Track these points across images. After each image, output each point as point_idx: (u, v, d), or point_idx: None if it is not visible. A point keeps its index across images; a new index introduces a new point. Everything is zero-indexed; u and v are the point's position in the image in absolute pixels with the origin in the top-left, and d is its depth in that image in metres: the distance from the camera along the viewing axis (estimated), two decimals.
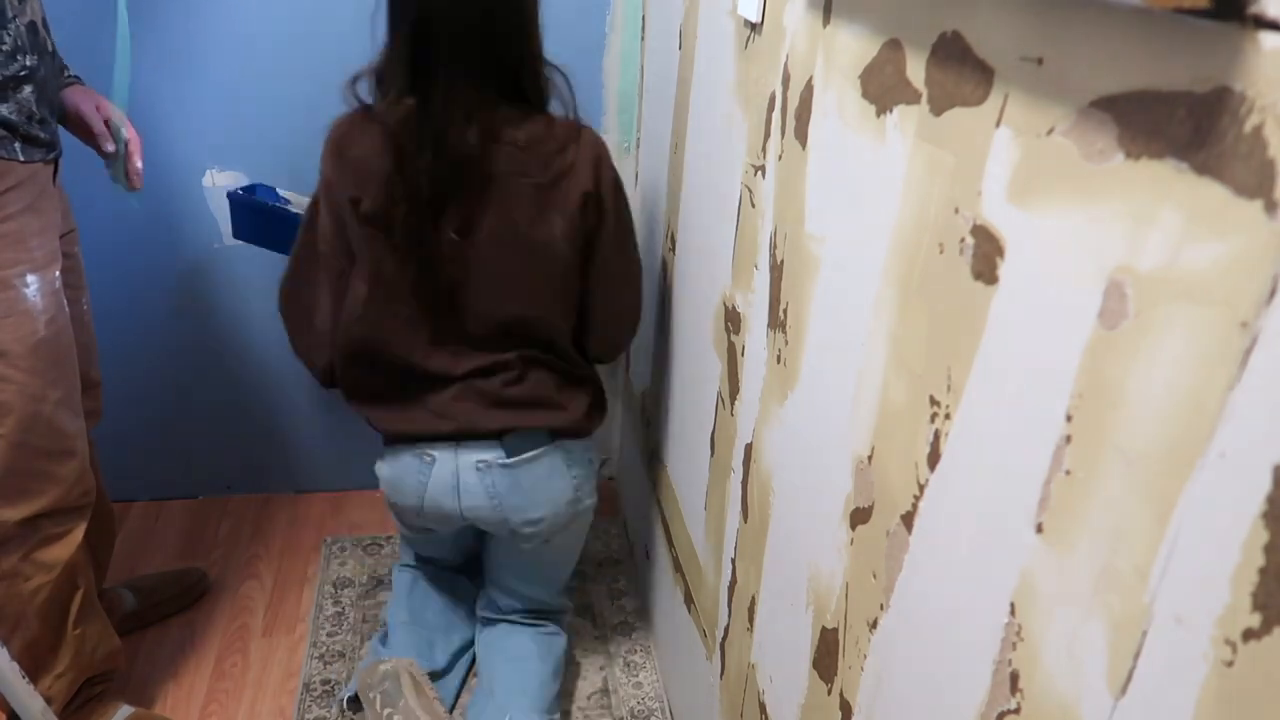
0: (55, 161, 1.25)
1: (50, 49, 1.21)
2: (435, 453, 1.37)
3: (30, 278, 1.17)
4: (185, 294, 1.84)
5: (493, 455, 1.36)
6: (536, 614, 1.61)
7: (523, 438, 1.36)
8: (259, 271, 1.85)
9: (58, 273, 1.22)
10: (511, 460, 1.35)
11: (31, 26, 1.15)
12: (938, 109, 0.62)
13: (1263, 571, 0.37)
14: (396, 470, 1.41)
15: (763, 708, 1.05)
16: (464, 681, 1.62)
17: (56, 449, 1.25)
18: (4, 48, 1.10)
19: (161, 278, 1.83)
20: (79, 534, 1.31)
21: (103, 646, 1.40)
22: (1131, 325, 0.44)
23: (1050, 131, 0.50)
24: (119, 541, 1.69)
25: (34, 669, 1.30)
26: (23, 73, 1.13)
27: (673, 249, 1.48)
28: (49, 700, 1.32)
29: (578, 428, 1.41)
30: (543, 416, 1.37)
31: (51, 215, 1.22)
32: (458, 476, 1.37)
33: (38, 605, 1.28)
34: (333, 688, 1.63)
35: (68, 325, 1.25)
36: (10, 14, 1.10)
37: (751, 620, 1.09)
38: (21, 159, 1.14)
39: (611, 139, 1.83)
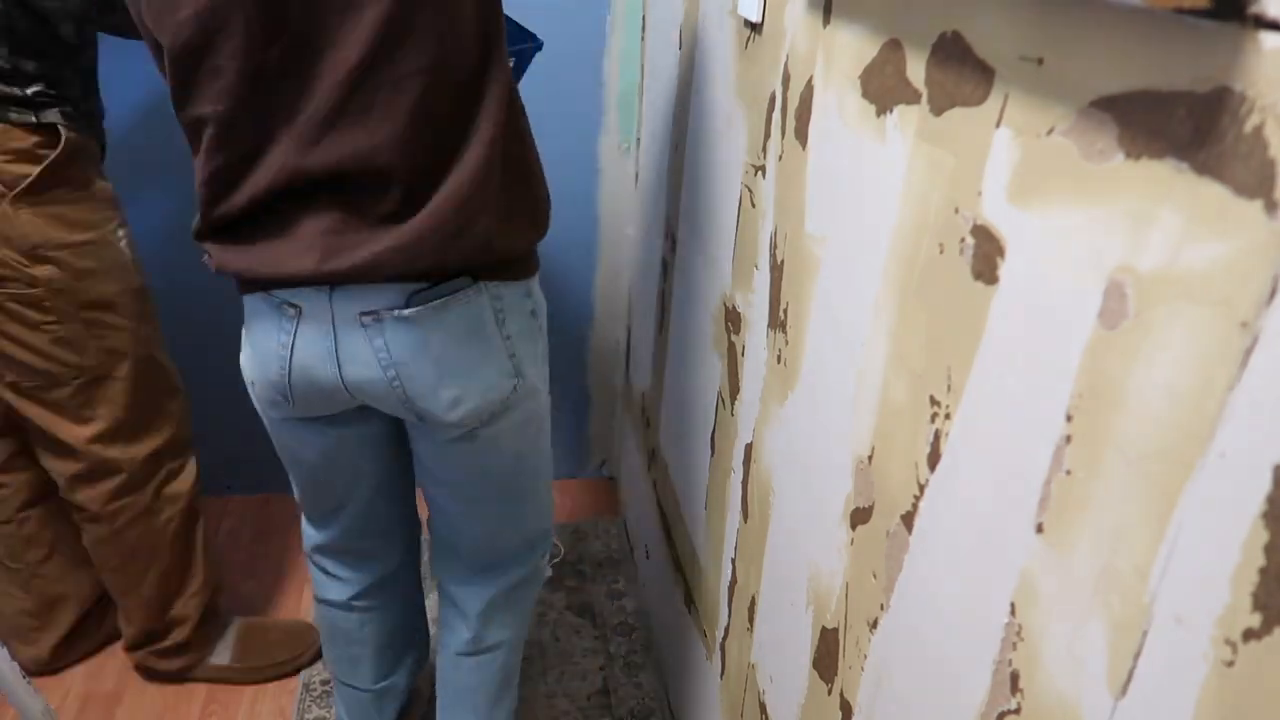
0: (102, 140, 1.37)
1: None
2: (301, 302, 0.94)
3: (120, 232, 1.31)
4: (185, 293, 1.84)
5: (384, 302, 0.92)
6: (489, 556, 1.19)
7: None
8: None
9: (129, 229, 1.35)
10: (412, 310, 0.92)
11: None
12: (938, 109, 0.62)
13: (1263, 571, 0.37)
14: (252, 333, 0.99)
15: (763, 708, 1.05)
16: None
17: (167, 386, 1.41)
18: (76, 41, 1.22)
19: (160, 275, 1.82)
20: (194, 465, 1.47)
21: (219, 566, 1.56)
22: (1131, 325, 0.44)
23: (1050, 131, 0.50)
24: None
25: (169, 594, 1.47)
26: (87, 66, 1.26)
27: (673, 249, 1.48)
28: (182, 620, 1.49)
29: (512, 260, 0.97)
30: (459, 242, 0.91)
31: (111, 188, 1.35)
32: (334, 336, 0.94)
33: (169, 538, 1.43)
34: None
35: (143, 275, 1.37)
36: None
37: (751, 620, 1.09)
38: (91, 131, 1.28)
39: (611, 139, 1.83)
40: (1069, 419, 0.49)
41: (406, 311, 0.92)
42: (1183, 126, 0.41)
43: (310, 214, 0.88)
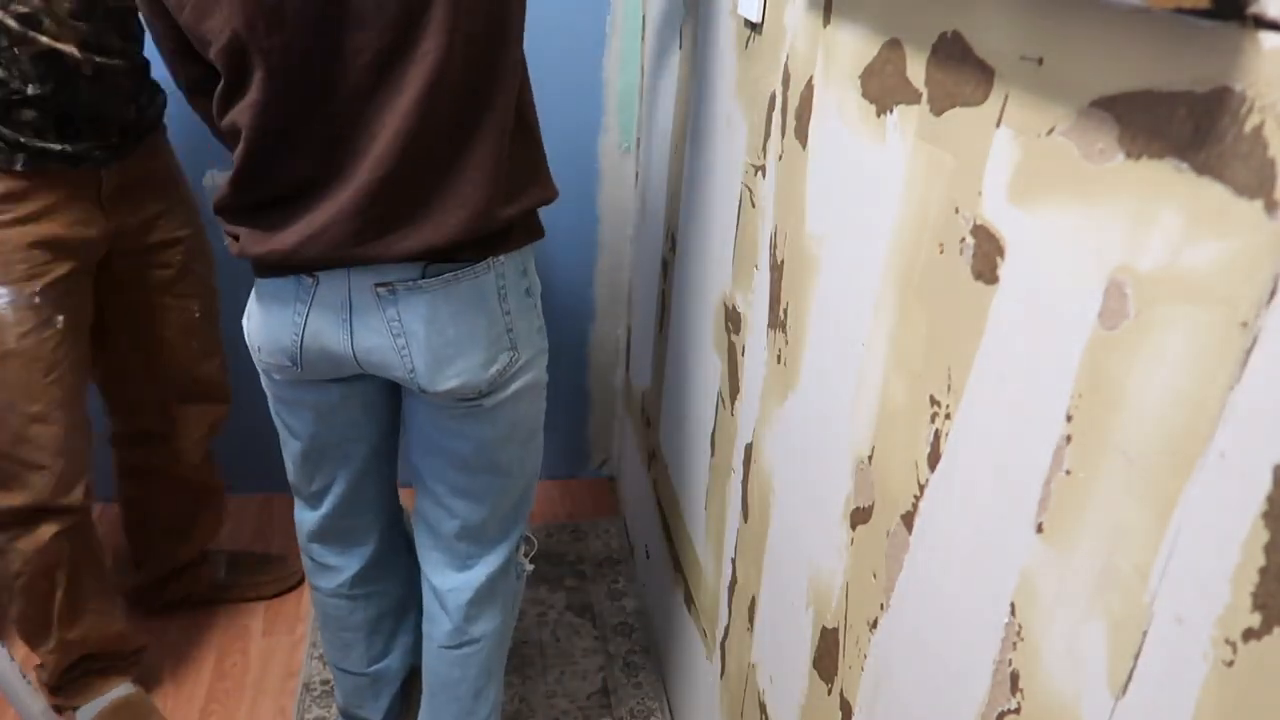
0: (99, 175, 1.27)
1: (90, 74, 1.21)
2: (319, 273, 0.98)
3: (1, 290, 1.19)
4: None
5: (400, 275, 0.97)
6: (473, 540, 1.20)
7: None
8: None
9: (39, 287, 1.22)
10: (426, 281, 0.97)
11: (45, 56, 1.16)
12: (938, 109, 0.62)
13: (1263, 571, 0.37)
14: (264, 301, 1.04)
15: (763, 708, 1.05)
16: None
17: (26, 459, 1.27)
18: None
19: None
20: (45, 536, 1.32)
21: (94, 635, 1.44)
22: (1131, 325, 0.44)
23: (1050, 131, 0.50)
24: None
25: (30, 638, 1.41)
26: (15, 96, 1.15)
27: (673, 249, 1.48)
28: (44, 665, 1.42)
29: (518, 228, 1.02)
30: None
31: (62, 230, 1.24)
32: (349, 306, 0.99)
33: (20, 588, 1.35)
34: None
35: (54, 341, 1.25)
36: (11, 46, 1.13)
37: (751, 620, 1.09)
38: (19, 168, 1.17)
39: (611, 139, 1.83)
40: (1069, 419, 0.49)
41: (421, 282, 0.97)
42: (1183, 126, 0.41)
43: (342, 198, 0.92)
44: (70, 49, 1.17)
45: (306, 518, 1.27)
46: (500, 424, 1.10)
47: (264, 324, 1.04)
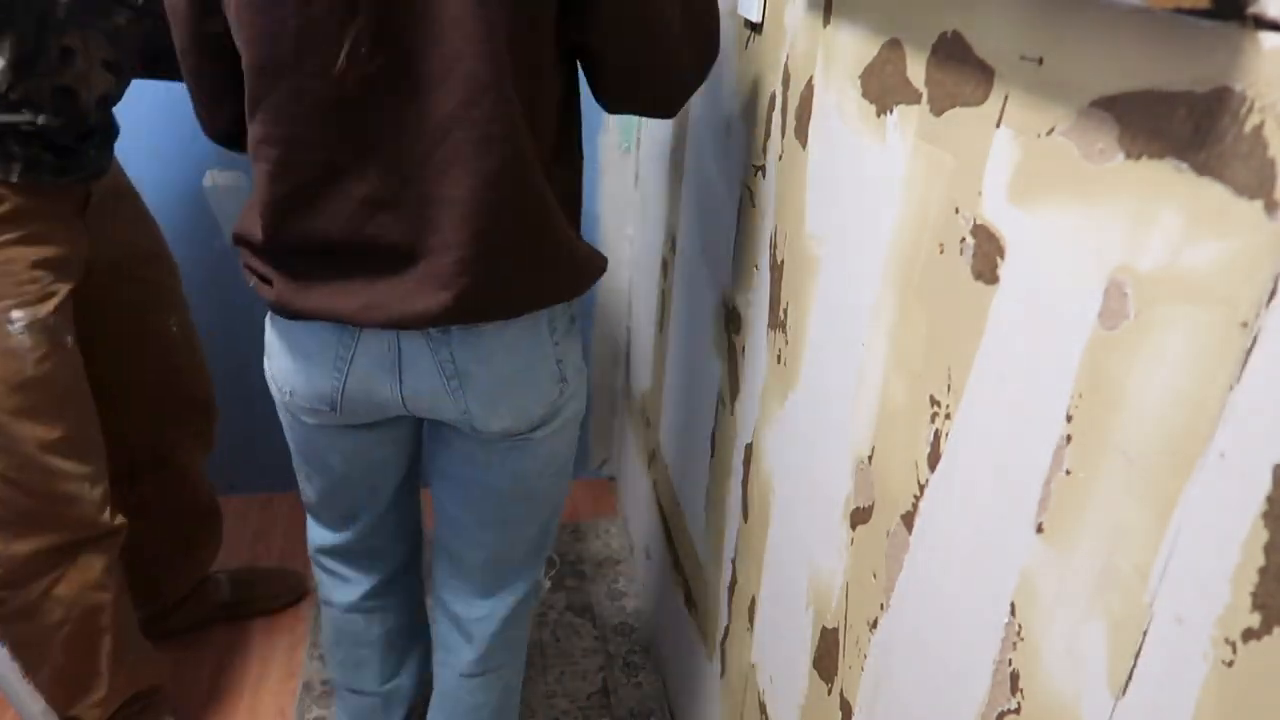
0: (87, 187, 1.22)
1: (99, 104, 1.17)
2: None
3: (16, 314, 1.12)
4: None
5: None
6: (499, 569, 1.17)
7: None
8: None
9: (52, 307, 1.16)
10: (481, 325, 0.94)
11: (66, 91, 1.12)
12: (938, 109, 0.62)
13: (1263, 571, 0.37)
14: (296, 346, 0.97)
15: (763, 708, 1.05)
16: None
17: (54, 492, 1.20)
18: (12, 96, 1.07)
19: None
20: (94, 571, 1.27)
21: (140, 674, 1.39)
22: (1131, 325, 0.44)
23: (1050, 131, 0.50)
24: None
25: (68, 696, 1.30)
26: (21, 105, 1.09)
27: (673, 249, 1.48)
28: None
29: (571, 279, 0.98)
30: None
31: (62, 248, 1.18)
32: (398, 350, 0.94)
33: (62, 640, 1.26)
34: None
35: (68, 363, 1.19)
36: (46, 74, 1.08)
37: (751, 620, 1.09)
38: (15, 180, 1.10)
39: (611, 139, 1.83)
40: (1069, 419, 0.49)
41: (476, 325, 0.93)
42: (1183, 126, 0.41)
43: (397, 250, 0.87)
44: (89, 97, 1.14)
45: (324, 538, 1.21)
46: (541, 457, 1.06)
47: (297, 369, 0.98)
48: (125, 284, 1.34)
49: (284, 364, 0.99)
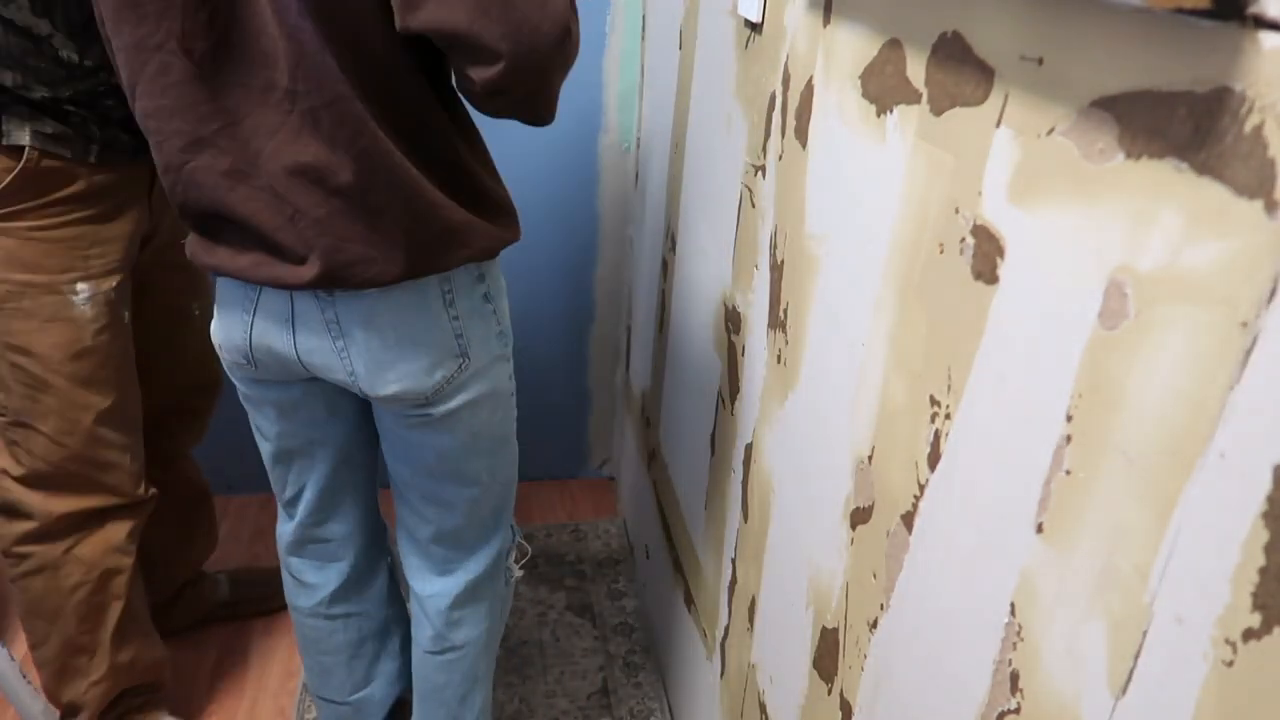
0: (149, 167, 1.25)
1: None
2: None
3: (81, 286, 1.19)
4: None
5: None
6: (450, 546, 1.19)
7: None
8: None
9: (115, 282, 1.23)
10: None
11: None
12: (938, 109, 0.62)
13: (1263, 571, 0.37)
14: (220, 300, 1.05)
15: (763, 708, 1.05)
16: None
17: (97, 458, 1.27)
18: (87, 63, 1.12)
19: None
20: (118, 535, 1.33)
21: (142, 659, 1.41)
22: (1131, 325, 0.44)
23: (1050, 131, 0.50)
24: None
25: (68, 673, 1.33)
26: (101, 89, 1.14)
27: (673, 249, 1.48)
28: (81, 706, 1.35)
29: (465, 254, 0.98)
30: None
31: (132, 225, 1.24)
32: (292, 309, 0.98)
33: (75, 604, 1.31)
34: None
35: (123, 337, 1.26)
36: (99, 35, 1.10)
37: (751, 620, 1.09)
38: (93, 161, 1.16)
39: (611, 139, 1.83)
40: (1069, 419, 0.49)
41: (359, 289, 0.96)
42: (1183, 126, 0.41)
43: (256, 222, 0.91)
44: None
45: (284, 529, 1.26)
46: (459, 433, 1.07)
47: (222, 323, 1.05)
48: (171, 269, 1.38)
49: (216, 319, 1.06)
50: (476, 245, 0.97)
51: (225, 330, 1.04)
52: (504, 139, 1.31)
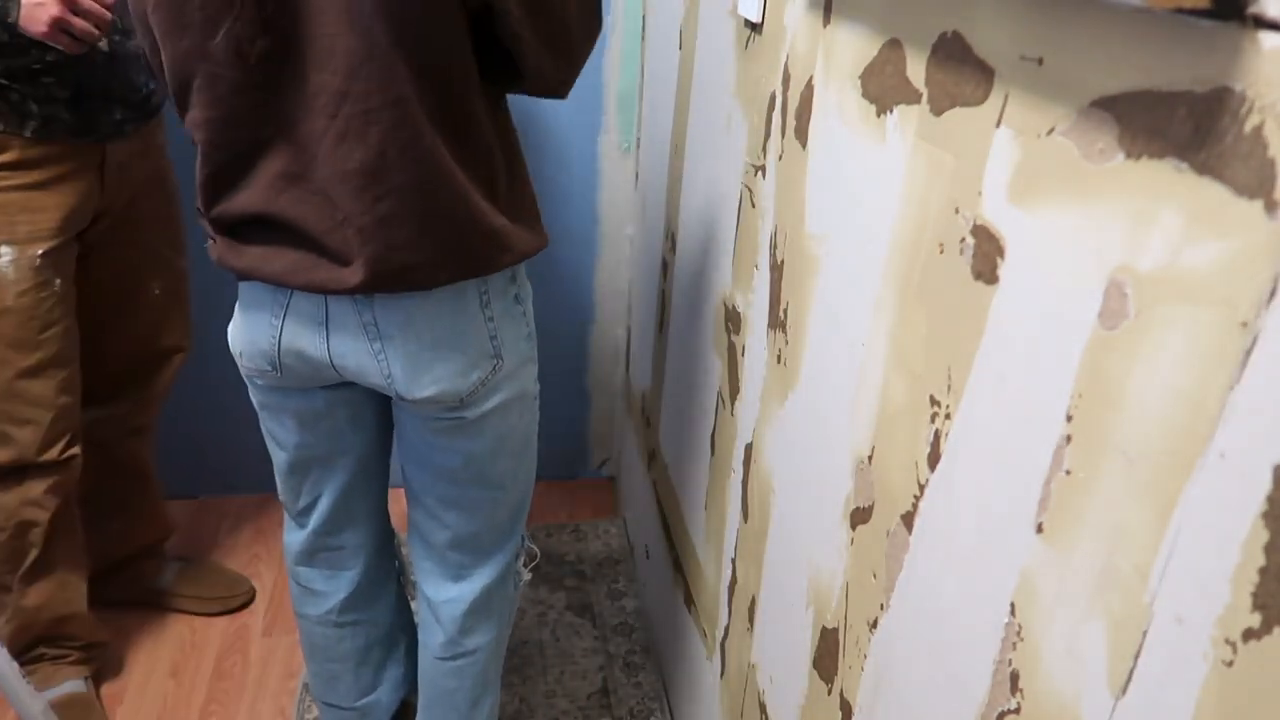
0: (103, 149, 1.32)
1: (106, 51, 1.26)
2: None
3: (4, 249, 1.25)
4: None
5: None
6: (467, 551, 1.18)
7: None
8: None
9: (42, 250, 1.28)
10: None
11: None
12: (938, 109, 0.62)
13: (1263, 571, 0.37)
14: (244, 305, 1.03)
15: (763, 708, 1.05)
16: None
17: (14, 414, 1.33)
18: (19, 41, 1.16)
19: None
20: (36, 490, 1.38)
21: (48, 612, 1.45)
22: (1131, 325, 0.44)
23: (1050, 131, 0.50)
24: None
25: None
26: (37, 66, 1.20)
27: (673, 249, 1.48)
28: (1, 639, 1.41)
29: (503, 258, 0.99)
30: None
31: (70, 199, 1.29)
32: (325, 312, 0.97)
33: None
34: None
35: (51, 302, 1.31)
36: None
37: (751, 620, 1.09)
38: (27, 135, 1.22)
39: (611, 139, 1.83)
40: (1069, 419, 0.49)
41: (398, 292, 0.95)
42: (1183, 126, 0.41)
43: (304, 225, 0.91)
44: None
45: (294, 539, 1.23)
46: (488, 437, 1.07)
47: (243, 329, 1.03)
48: (125, 245, 1.45)
49: (236, 325, 1.05)
50: (517, 251, 0.98)
51: (248, 335, 1.02)
52: None
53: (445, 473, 1.10)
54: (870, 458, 0.75)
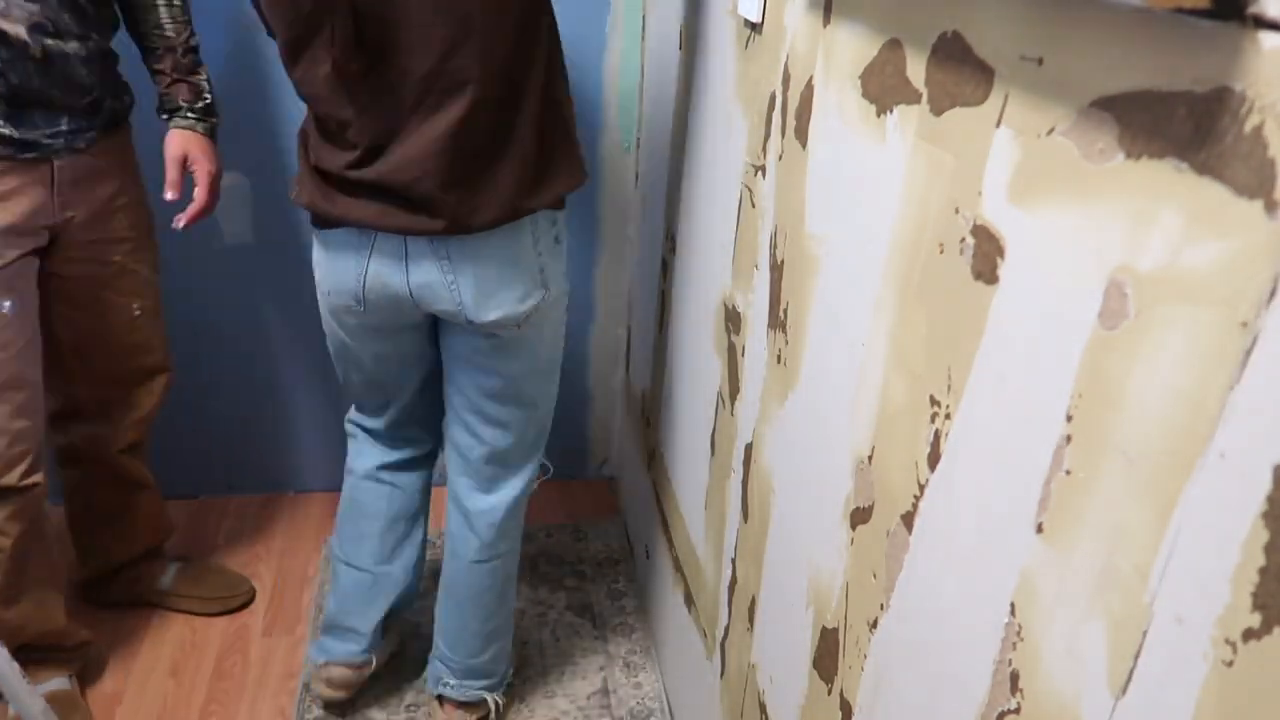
0: (50, 165, 1.27)
1: (39, 56, 1.20)
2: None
3: None
4: (184, 295, 1.84)
5: None
6: (499, 464, 1.37)
7: None
8: (260, 271, 1.85)
9: None
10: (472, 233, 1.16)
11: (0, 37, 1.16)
12: (938, 109, 0.62)
13: (1263, 571, 0.37)
14: (331, 249, 1.20)
15: (763, 708, 1.05)
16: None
17: None
18: None
19: (161, 278, 1.82)
20: None
21: (32, 624, 1.43)
22: (1131, 325, 0.44)
23: (1050, 131, 0.50)
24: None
25: None
26: None
27: (673, 249, 1.48)
28: None
29: (550, 200, 1.19)
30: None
31: (17, 216, 1.24)
32: (405, 251, 1.16)
33: None
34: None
35: (8, 322, 1.26)
36: None
37: (751, 620, 1.09)
38: None
39: (611, 139, 1.83)
40: (1069, 419, 0.49)
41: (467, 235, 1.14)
42: (1183, 126, 0.41)
43: (401, 182, 1.09)
44: (16, 29, 1.16)
45: (361, 417, 1.47)
46: (526, 357, 1.27)
47: (331, 269, 1.21)
48: (94, 262, 1.40)
49: (323, 268, 1.23)
50: (560, 186, 1.18)
51: (336, 276, 1.21)
52: None
53: (489, 392, 1.29)
54: (870, 458, 0.75)
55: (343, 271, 1.19)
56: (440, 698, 1.52)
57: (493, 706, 1.53)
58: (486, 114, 1.06)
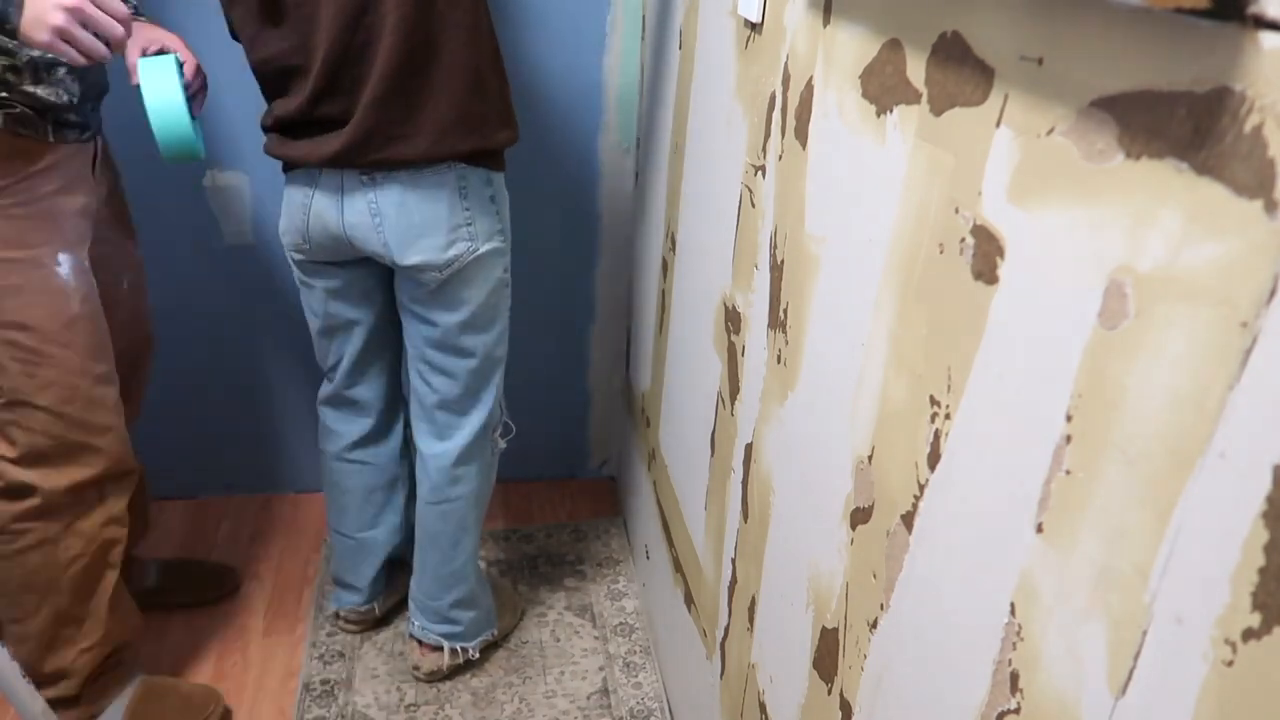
0: (95, 145, 1.31)
1: None
2: (323, 167, 1.29)
3: (62, 257, 1.23)
4: (184, 295, 1.84)
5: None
6: (450, 412, 1.48)
7: None
8: (259, 272, 1.85)
9: (85, 253, 1.27)
10: (397, 173, 1.26)
11: None
12: (938, 109, 0.62)
13: (1263, 571, 0.37)
14: (288, 193, 1.35)
15: (763, 708, 1.05)
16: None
17: (96, 423, 1.30)
18: (59, 73, 1.15)
19: (161, 278, 1.82)
20: (118, 506, 1.36)
21: (128, 623, 1.44)
22: (1131, 325, 0.44)
23: (1050, 131, 0.50)
24: None
25: (57, 643, 1.36)
26: (48, 55, 1.16)
27: (673, 249, 1.48)
28: (68, 674, 1.38)
29: (479, 155, 1.29)
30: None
31: (86, 198, 1.28)
32: (342, 188, 1.28)
33: (71, 575, 1.33)
34: (332, 688, 1.63)
35: (96, 303, 1.29)
36: None
37: (751, 620, 1.09)
38: (51, 140, 1.20)
39: (611, 139, 1.83)
40: (1069, 419, 0.49)
41: (394, 174, 1.26)
42: (1183, 126, 0.41)
43: (337, 118, 1.22)
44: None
45: (325, 389, 1.57)
46: (458, 308, 1.37)
47: (286, 211, 1.35)
48: (99, 242, 1.40)
49: (283, 216, 1.37)
50: (491, 133, 1.27)
51: (289, 216, 1.35)
52: None
53: (430, 340, 1.41)
54: (870, 458, 0.75)
55: (294, 212, 1.33)
56: (413, 637, 1.65)
57: (449, 656, 1.63)
58: (414, 38, 1.15)
